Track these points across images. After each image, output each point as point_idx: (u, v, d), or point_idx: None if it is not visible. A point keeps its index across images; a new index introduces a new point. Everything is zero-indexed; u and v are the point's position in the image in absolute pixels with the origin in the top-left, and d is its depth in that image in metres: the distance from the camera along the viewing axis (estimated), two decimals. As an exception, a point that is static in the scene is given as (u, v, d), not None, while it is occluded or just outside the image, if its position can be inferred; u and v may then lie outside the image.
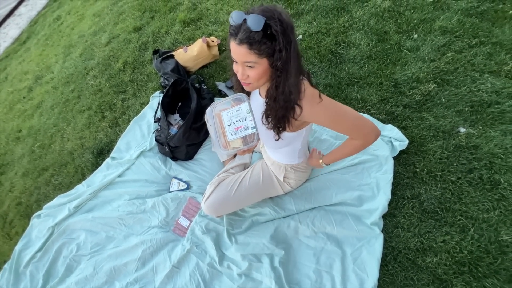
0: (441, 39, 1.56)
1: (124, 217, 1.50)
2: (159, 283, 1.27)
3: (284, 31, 0.72)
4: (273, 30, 0.71)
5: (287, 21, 0.73)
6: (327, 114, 0.86)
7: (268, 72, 0.79)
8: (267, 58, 0.76)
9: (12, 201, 1.93)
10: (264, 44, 0.73)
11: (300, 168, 1.19)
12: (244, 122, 0.78)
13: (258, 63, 0.76)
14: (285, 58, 0.75)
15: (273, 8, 0.73)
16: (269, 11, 0.72)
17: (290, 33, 0.74)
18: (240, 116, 0.79)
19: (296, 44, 0.77)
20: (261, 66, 0.77)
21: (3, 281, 1.51)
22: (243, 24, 0.72)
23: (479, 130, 1.27)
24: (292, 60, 0.77)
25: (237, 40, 0.74)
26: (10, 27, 4.17)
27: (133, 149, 1.76)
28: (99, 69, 2.39)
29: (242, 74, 0.80)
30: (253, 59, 0.76)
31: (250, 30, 0.71)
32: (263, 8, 0.72)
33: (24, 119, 2.49)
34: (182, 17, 2.32)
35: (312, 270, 1.17)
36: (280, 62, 0.75)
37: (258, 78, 0.80)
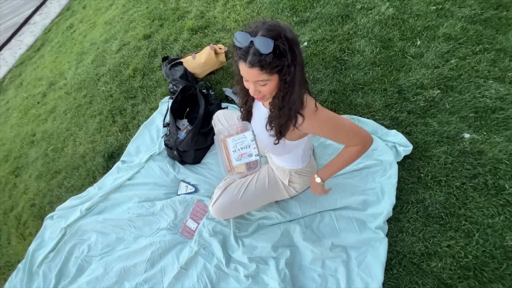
0: (445, 46, 1.58)
1: (134, 219, 1.54)
2: (167, 284, 1.30)
3: (291, 47, 0.75)
4: (281, 49, 0.74)
5: (292, 37, 0.76)
6: (327, 124, 0.90)
7: (279, 85, 0.83)
8: (278, 73, 0.79)
9: (26, 203, 2.00)
10: (275, 63, 0.76)
11: (304, 172, 1.22)
12: (248, 149, 0.85)
13: (270, 80, 0.80)
14: (293, 72, 0.78)
15: (278, 26, 0.75)
16: (274, 29, 0.74)
17: (296, 47, 0.77)
18: (244, 143, 0.85)
19: (301, 56, 0.80)
20: (272, 82, 0.81)
21: (17, 280, 1.56)
22: (250, 46, 0.75)
23: (483, 136, 1.29)
24: (298, 72, 0.80)
25: (247, 64, 0.76)
26: (25, 35, 4.33)
27: (142, 153, 1.81)
28: (110, 76, 2.47)
29: (255, 91, 0.83)
30: (265, 78, 0.79)
31: (260, 53, 0.73)
32: (268, 28, 0.74)
33: (38, 123, 2.58)
34: (190, 25, 2.40)
35: (317, 274, 1.18)
36: (289, 77, 0.79)
37: (270, 92, 0.84)
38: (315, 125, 0.90)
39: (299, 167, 1.19)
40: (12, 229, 1.92)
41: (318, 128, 0.92)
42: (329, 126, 0.91)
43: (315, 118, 0.88)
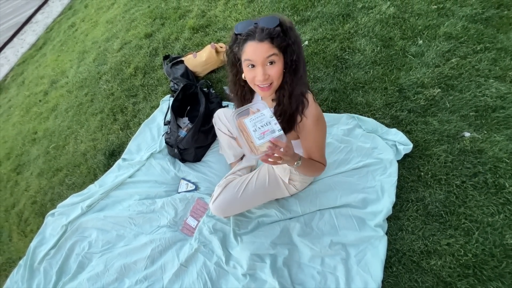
0: (445, 45, 1.58)
1: (134, 217, 1.55)
2: (167, 281, 1.31)
3: (291, 28, 0.81)
4: (285, 26, 0.80)
5: (297, 35, 0.83)
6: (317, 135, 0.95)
7: (282, 72, 0.85)
8: (283, 54, 0.83)
9: (28, 200, 2.01)
10: (282, 38, 0.80)
11: None
12: (269, 126, 0.78)
13: (279, 57, 0.82)
14: (298, 50, 0.83)
15: (275, 15, 0.82)
16: (273, 16, 0.81)
17: (295, 32, 0.83)
18: (264, 121, 0.78)
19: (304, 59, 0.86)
20: (280, 61, 0.83)
21: (18, 276, 1.57)
22: (256, 27, 0.80)
23: (483, 134, 1.28)
24: (301, 55, 0.84)
25: (256, 39, 0.79)
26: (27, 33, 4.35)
27: (143, 151, 1.82)
28: (111, 74, 2.48)
29: (264, 75, 0.81)
30: (276, 52, 0.81)
31: (267, 27, 0.79)
32: (266, 16, 0.82)
33: (40, 121, 2.59)
34: (191, 24, 2.40)
35: (316, 271, 1.19)
36: (295, 55, 0.82)
37: (278, 75, 0.84)
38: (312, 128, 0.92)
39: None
40: (13, 226, 1.93)
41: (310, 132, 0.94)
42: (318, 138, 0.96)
43: (316, 124, 0.91)
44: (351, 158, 1.41)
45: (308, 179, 1.30)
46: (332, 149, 1.45)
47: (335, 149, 1.45)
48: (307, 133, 0.94)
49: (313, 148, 0.99)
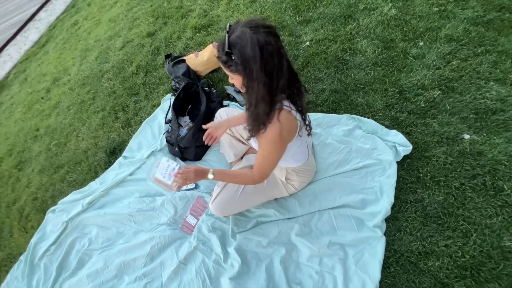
0: (446, 47, 1.58)
1: (134, 214, 1.56)
2: (166, 278, 1.31)
3: (245, 63, 0.79)
4: (233, 59, 0.80)
5: (251, 55, 0.77)
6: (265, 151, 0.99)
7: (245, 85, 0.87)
8: (240, 75, 0.84)
9: (29, 196, 2.02)
10: (229, 66, 0.82)
11: (302, 171, 1.23)
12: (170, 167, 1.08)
13: (234, 78, 0.86)
14: (249, 86, 0.83)
15: (247, 36, 0.77)
16: (241, 39, 0.77)
17: (253, 66, 0.78)
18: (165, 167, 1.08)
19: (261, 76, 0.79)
20: (237, 80, 0.86)
21: (19, 272, 1.59)
22: (222, 42, 0.82)
23: (483, 137, 1.29)
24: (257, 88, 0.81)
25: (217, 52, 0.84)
26: (30, 31, 4.37)
27: (144, 149, 1.83)
28: (113, 72, 2.49)
29: (230, 78, 0.90)
30: (228, 73, 0.86)
31: (218, 51, 0.82)
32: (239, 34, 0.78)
33: (42, 118, 2.60)
34: (193, 23, 2.41)
35: (314, 271, 1.19)
36: (245, 87, 0.84)
37: (239, 86, 0.89)
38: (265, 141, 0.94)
39: (293, 166, 1.20)
40: (14, 222, 1.95)
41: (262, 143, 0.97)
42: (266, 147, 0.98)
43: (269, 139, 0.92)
44: (351, 159, 1.41)
45: (306, 179, 1.30)
46: (331, 150, 1.45)
47: (335, 149, 1.45)
48: (260, 144, 0.99)
49: (258, 158, 1.03)
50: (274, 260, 1.23)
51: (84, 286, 1.40)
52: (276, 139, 0.92)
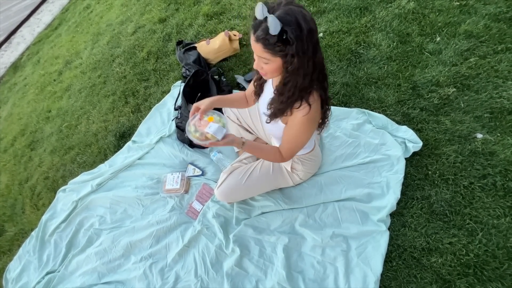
0: (465, 43, 1.54)
1: (142, 198, 1.59)
2: (170, 259, 1.35)
3: (301, 38, 0.74)
4: (288, 36, 0.73)
5: (308, 29, 0.74)
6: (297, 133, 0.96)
7: (281, 68, 0.84)
8: (281, 58, 0.80)
9: (41, 175, 2.08)
10: (278, 47, 0.76)
11: (307, 160, 1.23)
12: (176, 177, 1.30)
13: (272, 61, 0.81)
14: (296, 64, 0.78)
15: (297, 12, 0.74)
16: (291, 14, 0.73)
17: (308, 40, 0.75)
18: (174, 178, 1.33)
19: (315, 51, 0.78)
20: (274, 63, 0.82)
21: (30, 246, 1.65)
22: (263, 22, 0.75)
23: (497, 137, 1.26)
24: (304, 65, 0.79)
25: (254, 36, 0.78)
26: (43, 13, 4.40)
27: (153, 134, 1.85)
28: (124, 57, 2.50)
29: (257, 65, 0.86)
30: (267, 57, 0.80)
31: (267, 31, 0.74)
32: (286, 10, 0.73)
33: (53, 100, 2.65)
34: (205, 10, 2.39)
35: (316, 261, 1.21)
36: (290, 67, 0.79)
37: (271, 72, 0.86)
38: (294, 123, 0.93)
39: (300, 153, 1.20)
40: (26, 199, 2.02)
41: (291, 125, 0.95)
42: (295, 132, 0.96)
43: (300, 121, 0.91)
44: (359, 153, 1.41)
45: (311, 169, 1.31)
46: (340, 143, 1.45)
47: (343, 143, 1.44)
48: (289, 126, 0.97)
49: (286, 139, 1.01)
50: (277, 248, 1.25)
51: (92, 263, 1.45)
52: (305, 122, 0.91)
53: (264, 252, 1.27)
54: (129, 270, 1.39)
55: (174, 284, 1.29)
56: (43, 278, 1.48)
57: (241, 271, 1.25)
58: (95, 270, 1.42)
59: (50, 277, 1.47)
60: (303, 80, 0.82)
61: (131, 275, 1.36)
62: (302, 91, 0.86)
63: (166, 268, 1.35)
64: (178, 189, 1.52)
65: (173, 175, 1.56)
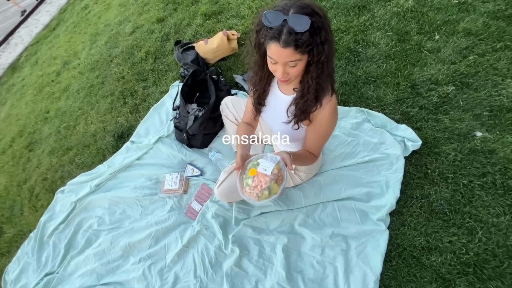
0: (464, 41, 1.53)
1: (141, 198, 1.59)
2: (169, 260, 1.35)
3: (324, 24, 0.73)
4: (316, 26, 0.72)
5: (324, 14, 0.74)
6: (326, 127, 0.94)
7: (304, 69, 0.82)
8: (308, 54, 0.77)
9: (39, 177, 2.07)
10: (310, 41, 0.73)
11: None
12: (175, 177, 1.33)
13: (301, 60, 0.78)
14: (327, 50, 0.77)
15: (309, 3, 0.73)
16: (307, 6, 0.72)
17: (328, 24, 0.76)
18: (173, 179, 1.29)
19: (331, 33, 0.78)
20: (302, 62, 0.79)
21: (29, 248, 1.64)
22: (284, 25, 0.71)
23: (496, 135, 1.26)
24: (331, 49, 0.79)
25: (281, 43, 0.72)
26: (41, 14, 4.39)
27: (151, 134, 1.85)
28: (122, 57, 2.50)
29: (283, 73, 0.80)
30: (297, 58, 0.76)
31: (295, 31, 0.70)
32: (300, 5, 0.71)
33: (52, 101, 2.64)
34: (204, 10, 2.38)
35: (316, 261, 1.20)
36: (323, 55, 0.77)
37: (298, 74, 0.82)
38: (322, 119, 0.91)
39: None
40: (25, 201, 2.01)
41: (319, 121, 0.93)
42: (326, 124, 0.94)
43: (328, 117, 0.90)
44: (358, 152, 1.40)
45: (312, 170, 1.30)
46: (339, 142, 1.44)
47: (342, 142, 1.44)
48: (317, 122, 0.94)
49: (315, 138, 0.98)
50: (276, 248, 1.25)
51: (90, 264, 1.44)
52: (334, 111, 0.91)
53: (263, 252, 1.27)
54: (128, 271, 1.38)
55: (173, 284, 1.29)
56: (42, 279, 1.48)
57: (240, 271, 1.24)
58: (94, 271, 1.42)
59: (49, 278, 1.47)
60: (331, 65, 0.82)
61: (130, 276, 1.36)
62: (330, 77, 0.85)
63: (165, 269, 1.34)
64: (177, 190, 1.51)
65: (172, 175, 1.55)
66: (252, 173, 0.82)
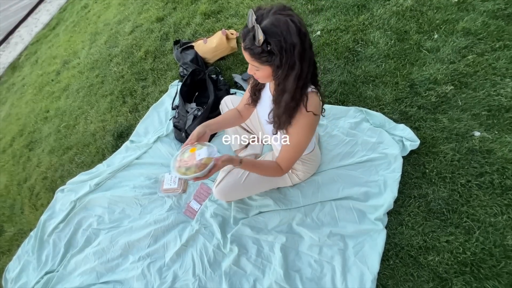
0: (463, 40, 1.53)
1: (140, 197, 1.59)
2: (168, 259, 1.35)
3: (285, 51, 0.73)
4: (272, 48, 0.73)
5: (293, 43, 0.72)
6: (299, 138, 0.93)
7: (270, 75, 0.83)
8: (270, 66, 0.79)
9: (39, 176, 2.08)
10: (264, 57, 0.76)
11: (307, 160, 1.23)
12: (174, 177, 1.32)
13: (261, 68, 0.81)
14: (281, 76, 0.78)
15: (284, 24, 0.72)
16: (277, 24, 0.71)
17: (293, 54, 0.74)
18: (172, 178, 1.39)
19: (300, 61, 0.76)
20: (264, 71, 0.82)
21: (29, 246, 1.65)
22: (251, 30, 0.75)
23: (494, 134, 1.26)
24: (289, 78, 0.78)
25: (243, 44, 0.79)
26: (41, 13, 4.39)
27: (150, 134, 1.85)
28: (122, 57, 2.50)
29: (250, 70, 0.86)
30: (256, 65, 0.81)
31: (253, 41, 0.74)
32: (273, 21, 0.72)
33: (52, 100, 2.65)
34: (203, 9, 2.38)
35: (313, 260, 1.21)
36: (277, 78, 0.79)
37: (263, 78, 0.86)
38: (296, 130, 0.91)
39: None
40: (25, 200, 2.02)
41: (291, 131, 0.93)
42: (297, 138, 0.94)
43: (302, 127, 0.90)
44: (356, 152, 1.40)
45: (310, 169, 1.30)
46: (337, 142, 1.45)
47: (340, 141, 1.44)
48: (290, 134, 0.94)
49: (284, 149, 0.99)
50: (275, 247, 1.25)
51: (90, 263, 1.45)
52: (309, 124, 0.90)
53: (261, 251, 1.27)
54: (127, 269, 1.39)
55: (172, 283, 1.30)
56: (42, 278, 1.48)
57: (239, 270, 1.25)
58: (94, 269, 1.43)
59: (49, 277, 1.48)
60: (294, 87, 0.81)
61: (129, 274, 1.37)
62: (296, 97, 0.84)
63: (164, 268, 1.35)
64: (176, 189, 1.52)
65: (171, 174, 1.56)
66: (192, 151, 0.90)
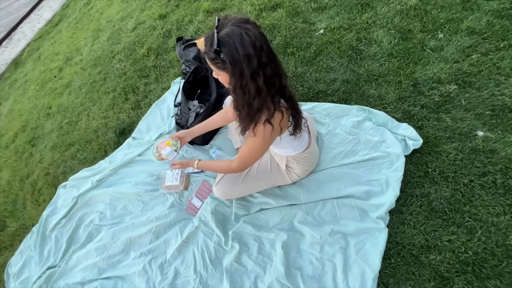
0: (467, 40, 1.52)
1: (142, 194, 1.60)
2: (170, 255, 1.36)
3: (237, 61, 0.75)
4: (222, 58, 0.76)
5: (242, 53, 0.74)
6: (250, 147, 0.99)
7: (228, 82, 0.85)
8: (226, 73, 0.81)
9: (41, 171, 2.09)
10: (218, 63, 0.78)
11: (302, 158, 1.23)
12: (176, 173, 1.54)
13: (220, 74, 0.83)
14: (235, 84, 0.80)
15: (236, 34, 0.73)
16: (231, 36, 0.73)
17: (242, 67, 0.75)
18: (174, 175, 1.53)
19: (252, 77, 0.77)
20: (223, 76, 0.84)
21: (31, 242, 1.66)
22: (208, 36, 0.78)
23: (498, 134, 1.25)
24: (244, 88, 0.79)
25: (204, 48, 0.81)
26: (44, 9, 4.39)
27: (153, 131, 1.85)
28: (124, 54, 2.50)
29: (214, 73, 0.87)
30: (215, 69, 0.83)
31: (210, 47, 0.77)
32: (228, 31, 0.74)
33: (54, 97, 2.65)
34: (206, 7, 2.38)
35: (315, 258, 1.21)
36: (232, 85, 0.81)
37: (225, 82, 0.87)
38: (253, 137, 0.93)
39: (292, 154, 1.20)
40: (27, 195, 2.03)
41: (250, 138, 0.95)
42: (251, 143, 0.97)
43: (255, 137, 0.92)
44: (358, 150, 1.40)
45: (307, 167, 1.30)
46: (339, 140, 1.44)
47: (343, 140, 1.44)
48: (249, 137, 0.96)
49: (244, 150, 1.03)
50: (276, 245, 1.25)
51: (92, 258, 1.46)
52: (265, 137, 0.91)
53: (263, 249, 1.28)
54: (128, 265, 1.40)
55: (173, 279, 1.30)
56: (44, 273, 1.49)
57: (240, 267, 1.25)
58: (95, 265, 1.43)
59: (50, 272, 1.49)
60: (246, 100, 0.82)
61: (131, 270, 1.37)
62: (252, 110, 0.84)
63: (166, 264, 1.35)
64: (178, 186, 1.52)
65: (173, 171, 1.56)
66: (168, 143, 1.24)
